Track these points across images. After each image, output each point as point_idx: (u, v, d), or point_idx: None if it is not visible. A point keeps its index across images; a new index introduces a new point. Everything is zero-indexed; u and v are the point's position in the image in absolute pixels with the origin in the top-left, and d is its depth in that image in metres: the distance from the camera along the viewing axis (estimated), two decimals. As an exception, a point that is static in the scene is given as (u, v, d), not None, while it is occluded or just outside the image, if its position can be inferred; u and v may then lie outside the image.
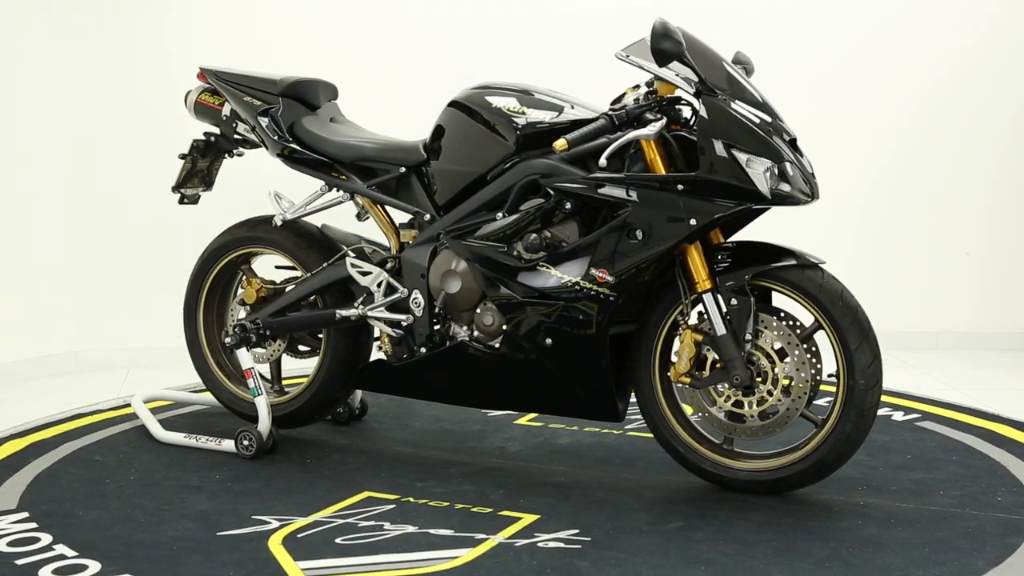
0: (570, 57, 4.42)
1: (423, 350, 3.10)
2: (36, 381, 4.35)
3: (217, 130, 3.49)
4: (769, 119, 2.73)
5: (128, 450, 3.32)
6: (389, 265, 3.17)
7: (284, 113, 3.27)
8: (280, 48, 4.39)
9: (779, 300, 2.85)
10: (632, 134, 2.71)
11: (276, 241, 3.37)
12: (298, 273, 3.45)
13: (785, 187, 2.67)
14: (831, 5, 4.66)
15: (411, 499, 2.84)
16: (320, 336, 3.43)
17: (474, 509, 2.76)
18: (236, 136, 3.41)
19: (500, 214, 2.94)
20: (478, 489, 2.91)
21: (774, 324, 2.78)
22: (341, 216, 3.43)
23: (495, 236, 2.94)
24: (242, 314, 3.46)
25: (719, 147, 2.65)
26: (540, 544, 2.51)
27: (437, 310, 3.07)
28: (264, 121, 3.26)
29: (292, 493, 2.90)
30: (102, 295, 4.45)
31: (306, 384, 3.39)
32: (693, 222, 2.69)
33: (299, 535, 2.58)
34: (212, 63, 3.48)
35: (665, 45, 2.60)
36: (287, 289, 3.38)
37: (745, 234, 2.93)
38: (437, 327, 3.10)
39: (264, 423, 3.26)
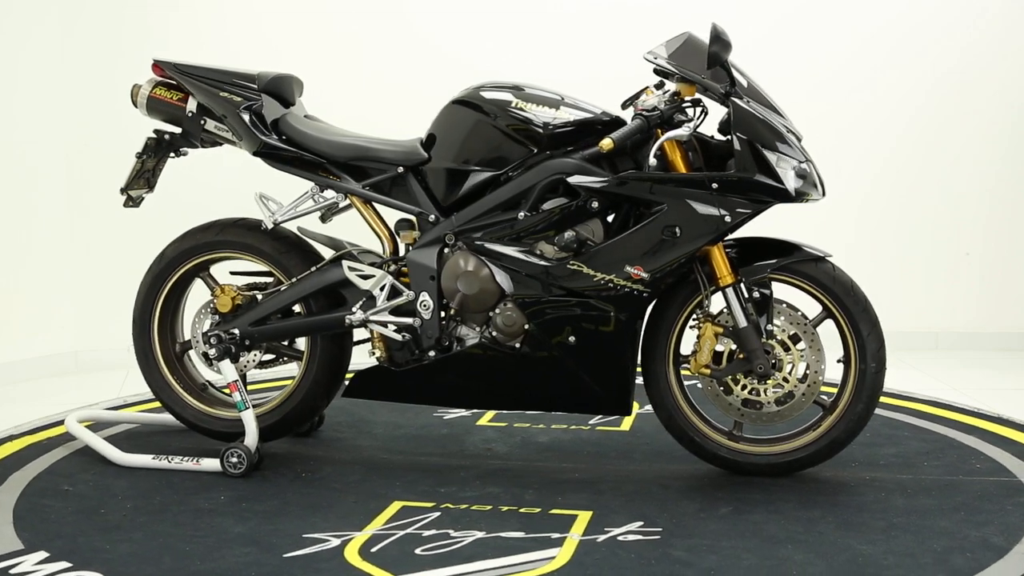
0: (568, 56, 4.45)
1: (432, 353, 3.05)
2: (36, 381, 4.37)
3: (172, 127, 3.27)
4: (783, 120, 2.91)
5: (92, 477, 3.07)
6: (392, 268, 3.09)
7: (267, 109, 3.12)
8: (280, 48, 4.39)
9: (781, 291, 3.03)
10: (669, 134, 2.81)
11: (252, 246, 3.21)
12: (262, 280, 3.30)
13: (805, 185, 2.86)
14: (832, 5, 4.76)
15: (449, 505, 2.81)
16: (290, 344, 3.31)
17: (523, 510, 2.77)
18: (203, 134, 3.20)
19: (522, 214, 2.95)
20: (506, 491, 2.92)
21: (789, 314, 2.97)
22: (310, 218, 3.30)
23: (516, 235, 2.95)
24: (207, 324, 3.25)
25: (752, 148, 2.80)
26: (620, 538, 2.56)
27: (452, 312, 3.03)
28: (246, 117, 3.09)
29: (319, 509, 2.79)
30: (102, 295, 4.31)
31: (288, 394, 3.26)
32: (728, 219, 2.83)
33: (372, 550, 2.49)
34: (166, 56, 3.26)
35: (717, 49, 2.72)
36: (261, 296, 3.22)
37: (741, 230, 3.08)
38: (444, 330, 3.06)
39: (252, 438, 3.11)
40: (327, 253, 3.22)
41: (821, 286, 2.94)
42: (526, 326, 2.97)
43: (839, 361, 3.01)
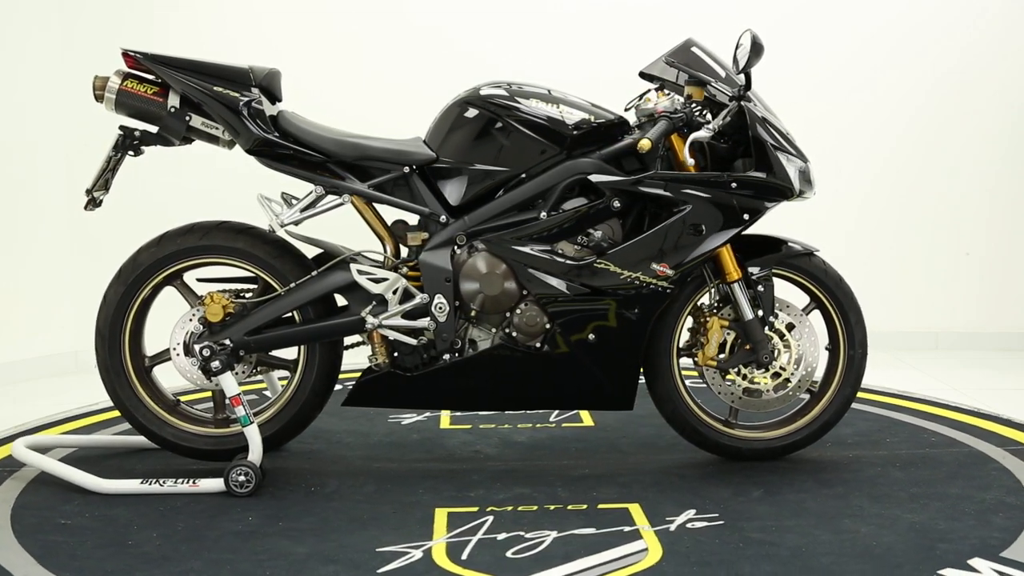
0: (568, 56, 4.44)
1: (446, 356, 2.99)
2: (36, 381, 4.41)
3: (143, 123, 3.01)
4: (781, 122, 3.09)
5: (78, 508, 2.85)
6: (403, 270, 3.00)
7: (264, 105, 2.95)
8: (280, 47, 4.34)
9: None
10: (694, 135, 2.91)
11: (242, 250, 3.03)
12: (234, 286, 3.12)
13: (806, 184, 3.05)
14: (832, 5, 4.79)
15: (494, 508, 2.80)
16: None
17: (571, 508, 2.80)
18: (187, 130, 2.97)
19: (543, 213, 2.95)
20: (536, 490, 2.94)
21: (787, 306, 3.15)
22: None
23: (537, 235, 2.96)
24: (188, 334, 3.02)
25: (766, 149, 2.95)
26: (688, 526, 2.63)
27: (473, 314, 2.98)
28: (246, 114, 2.90)
29: (366, 522, 2.72)
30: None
31: (284, 405, 3.12)
32: (746, 217, 2.98)
33: (462, 557, 2.45)
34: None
35: (752, 55, 2.84)
36: (254, 304, 3.03)
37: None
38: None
39: (257, 454, 2.95)
40: (309, 254, 3.09)
41: (814, 279, 3.15)
42: (547, 325, 2.97)
43: (826, 348, 3.22)
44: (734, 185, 2.97)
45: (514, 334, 3.00)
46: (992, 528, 2.60)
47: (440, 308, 2.99)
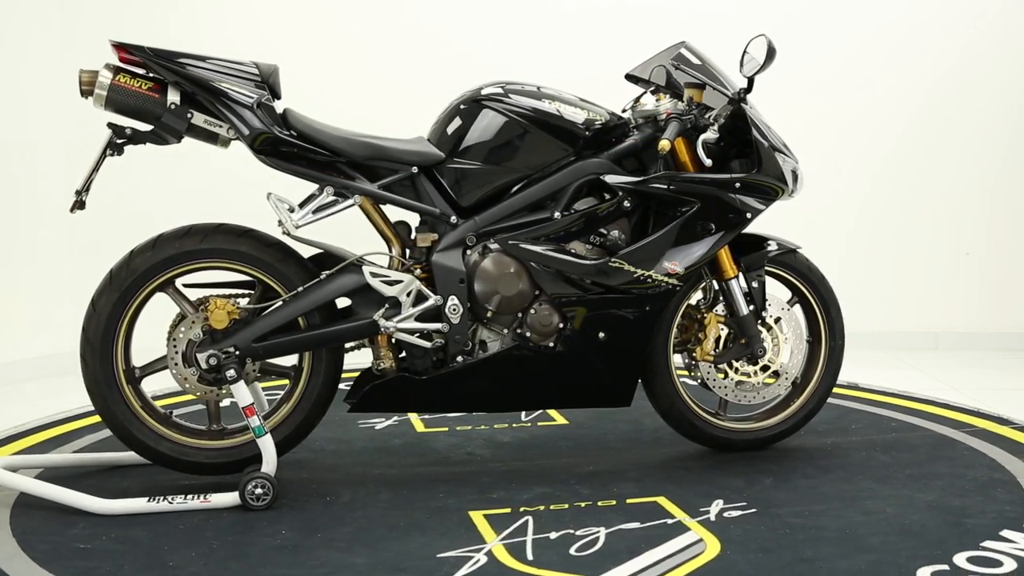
0: (568, 56, 4.41)
1: (460, 359, 2.95)
2: (36, 381, 4.42)
3: (135, 122, 2.83)
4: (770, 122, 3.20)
5: (85, 531, 2.70)
6: (417, 271, 2.94)
7: (271, 102, 2.82)
8: (280, 47, 4.17)
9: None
10: (703, 136, 2.97)
11: (246, 253, 2.92)
12: (222, 291, 2.98)
13: (797, 184, 3.17)
14: (832, 5, 4.78)
15: (526, 508, 2.80)
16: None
17: (600, 504, 2.82)
18: (188, 128, 2.80)
19: (557, 213, 2.95)
20: (556, 490, 2.98)
21: (776, 301, 3.26)
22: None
23: (551, 235, 2.96)
24: (185, 343, 2.86)
25: (766, 150, 3.05)
26: (727, 515, 2.70)
27: (488, 314, 2.94)
28: (258, 111, 2.77)
29: (408, 530, 2.69)
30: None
31: (287, 414, 3.02)
32: (749, 216, 3.07)
33: (528, 558, 2.43)
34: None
35: (767, 60, 2.91)
36: (254, 307, 2.90)
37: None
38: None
39: (272, 465, 2.84)
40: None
41: (799, 274, 3.30)
42: (560, 325, 2.97)
43: (807, 341, 3.34)
44: (738, 185, 3.05)
45: (528, 334, 2.99)
46: (1000, 502, 2.79)
47: (454, 309, 2.94)
